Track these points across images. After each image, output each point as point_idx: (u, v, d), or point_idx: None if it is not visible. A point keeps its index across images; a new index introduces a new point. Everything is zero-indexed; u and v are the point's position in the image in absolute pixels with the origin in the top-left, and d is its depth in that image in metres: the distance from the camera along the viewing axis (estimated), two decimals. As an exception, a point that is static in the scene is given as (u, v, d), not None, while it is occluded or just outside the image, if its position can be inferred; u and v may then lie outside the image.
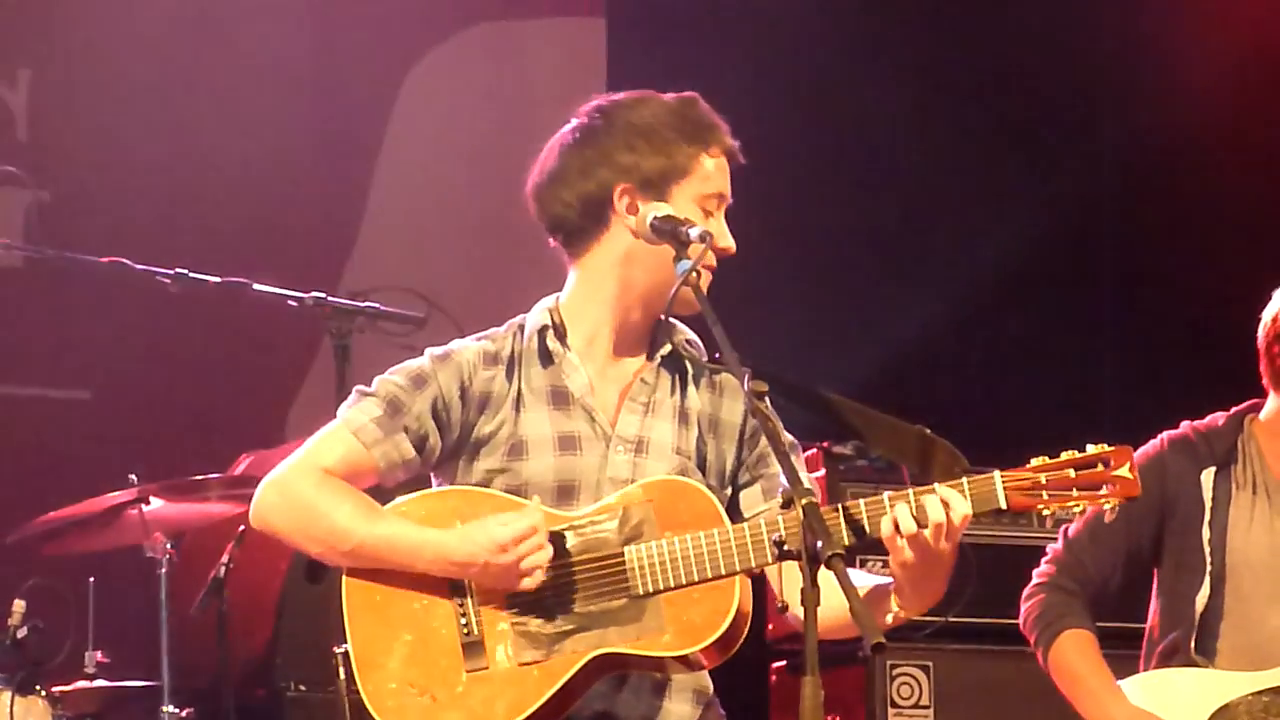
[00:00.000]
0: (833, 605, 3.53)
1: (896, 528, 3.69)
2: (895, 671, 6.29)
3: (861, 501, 3.73)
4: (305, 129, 8.08)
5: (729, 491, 4.02)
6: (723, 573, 3.74)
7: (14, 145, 7.74)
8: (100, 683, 6.13)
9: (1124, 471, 3.76)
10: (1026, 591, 5.18)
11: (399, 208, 8.25)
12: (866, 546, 3.75)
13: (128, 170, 7.80)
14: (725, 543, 3.75)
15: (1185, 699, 4.94)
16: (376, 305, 5.43)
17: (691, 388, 4.02)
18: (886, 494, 3.73)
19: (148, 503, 6.02)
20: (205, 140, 7.93)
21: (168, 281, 5.57)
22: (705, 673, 3.93)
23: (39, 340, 7.67)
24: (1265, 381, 5.12)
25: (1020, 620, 5.17)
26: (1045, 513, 3.77)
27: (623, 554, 3.79)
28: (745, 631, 3.80)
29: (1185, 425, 5.18)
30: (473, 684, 3.79)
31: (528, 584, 3.77)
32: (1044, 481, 3.75)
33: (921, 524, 3.68)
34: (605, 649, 3.77)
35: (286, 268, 6.14)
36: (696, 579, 3.75)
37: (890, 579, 3.78)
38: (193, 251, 5.95)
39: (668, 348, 4.00)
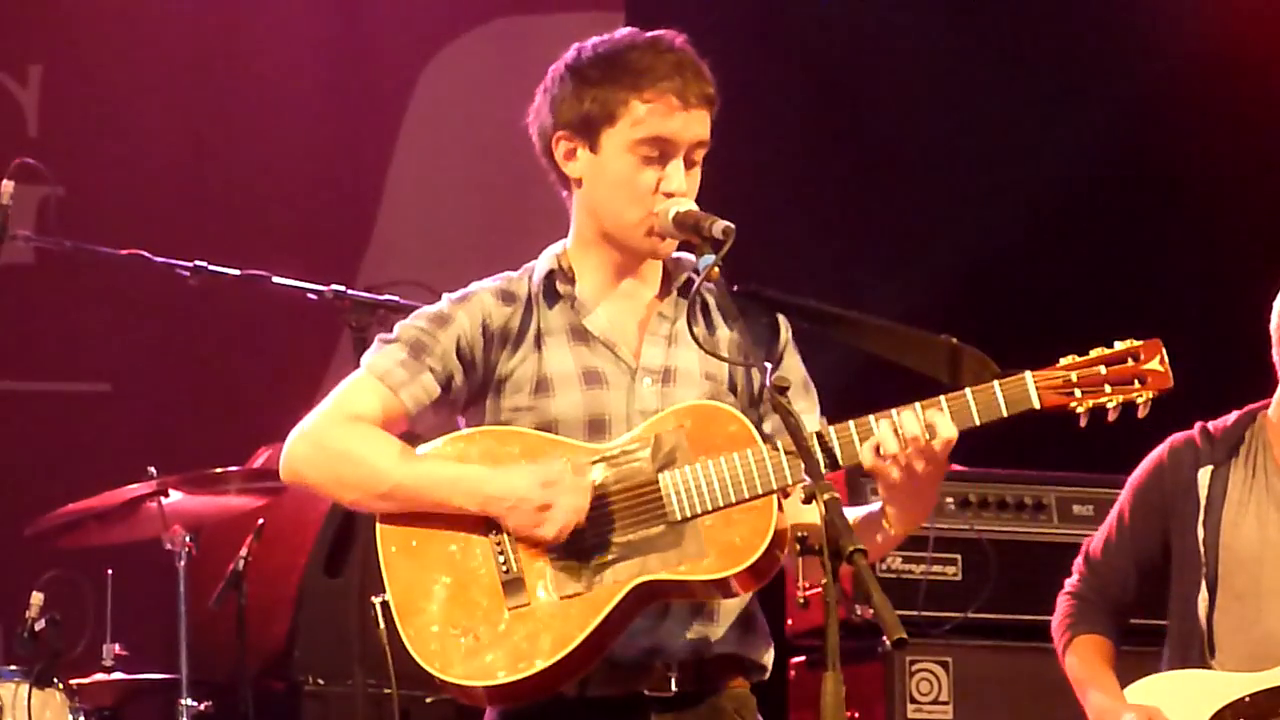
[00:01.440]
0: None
1: (877, 450, 3.66)
2: (914, 667, 6.28)
3: (851, 424, 3.70)
4: (321, 123, 8.09)
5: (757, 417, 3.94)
6: (759, 491, 3.70)
7: (24, 141, 7.74)
8: (118, 675, 6.13)
9: (1155, 365, 3.70)
10: (1057, 600, 5.24)
11: (415, 202, 8.25)
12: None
13: (139, 166, 7.81)
14: (760, 461, 3.71)
15: (1185, 701, 4.95)
16: (396, 298, 5.44)
17: (716, 316, 3.96)
18: (872, 416, 3.69)
19: (166, 495, 6.01)
20: (218, 134, 7.94)
21: (187, 274, 5.58)
22: (749, 596, 3.87)
23: (54, 335, 7.68)
24: (1278, 369, 5.13)
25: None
26: (1079, 410, 3.69)
27: (658, 481, 3.75)
28: (784, 552, 3.75)
29: (1196, 425, 5.19)
30: (515, 621, 3.74)
31: (548, 531, 3.71)
32: (1075, 379, 3.70)
33: (902, 445, 3.65)
34: (647, 576, 3.72)
35: (302, 261, 6.14)
36: (734, 500, 3.71)
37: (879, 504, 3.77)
38: (205, 246, 5.95)
39: (684, 278, 3.93)
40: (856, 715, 6.23)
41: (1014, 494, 6.46)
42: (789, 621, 6.30)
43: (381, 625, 3.83)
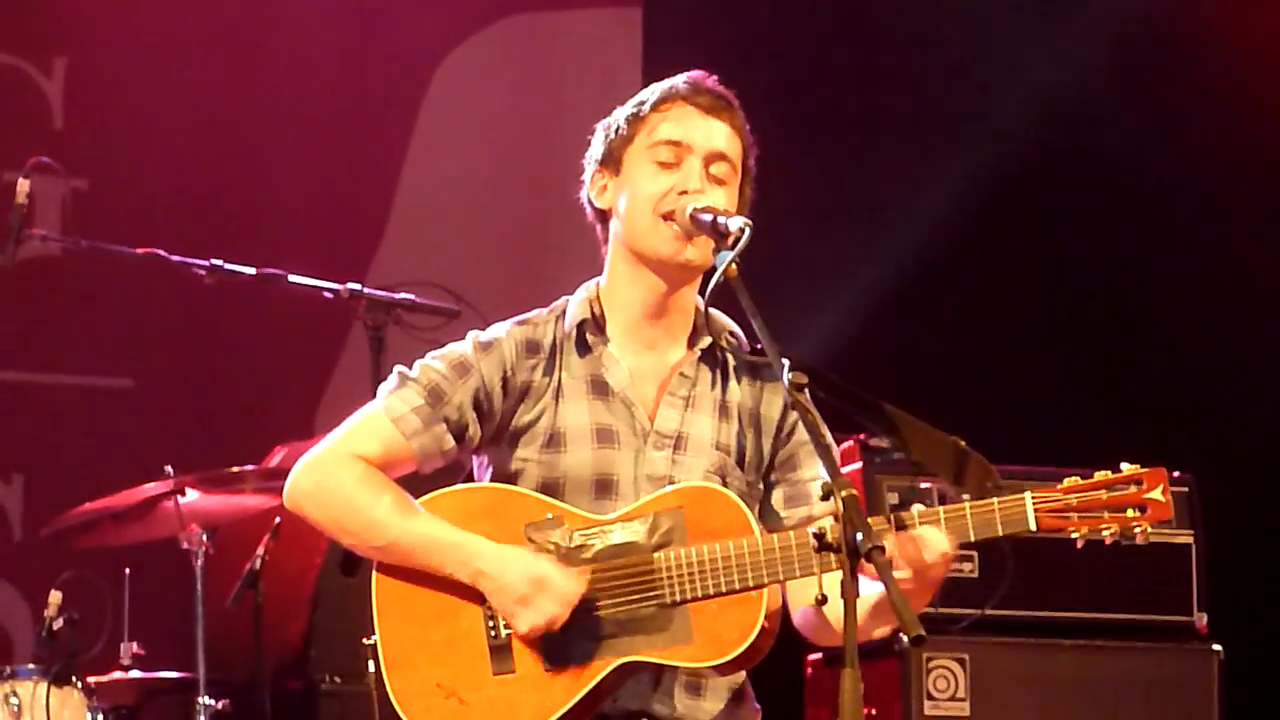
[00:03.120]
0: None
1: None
2: (931, 664, 6.26)
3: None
4: (336, 121, 8.10)
5: (763, 486, 4.01)
6: (751, 584, 3.74)
7: (50, 134, 7.76)
8: (136, 674, 6.15)
9: (1156, 494, 3.74)
10: None
11: (429, 200, 8.25)
12: None
13: (157, 161, 7.82)
14: (755, 554, 3.74)
15: None
16: (411, 297, 5.45)
17: (733, 381, 4.01)
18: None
19: (183, 494, 6.03)
20: (234, 132, 7.95)
21: (203, 273, 5.59)
22: None
23: (74, 329, 7.69)
24: None
25: None
26: (1074, 535, 3.75)
27: (652, 561, 3.78)
28: (772, 644, 3.80)
29: None
30: (499, 688, 3.79)
31: (519, 625, 3.78)
32: (1075, 503, 3.74)
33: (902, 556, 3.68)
34: (631, 657, 3.77)
35: (316, 260, 6.14)
36: (725, 590, 3.74)
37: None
38: (222, 242, 5.96)
39: (708, 340, 3.99)
40: (873, 712, 6.22)
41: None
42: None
43: (370, 668, 3.87)
